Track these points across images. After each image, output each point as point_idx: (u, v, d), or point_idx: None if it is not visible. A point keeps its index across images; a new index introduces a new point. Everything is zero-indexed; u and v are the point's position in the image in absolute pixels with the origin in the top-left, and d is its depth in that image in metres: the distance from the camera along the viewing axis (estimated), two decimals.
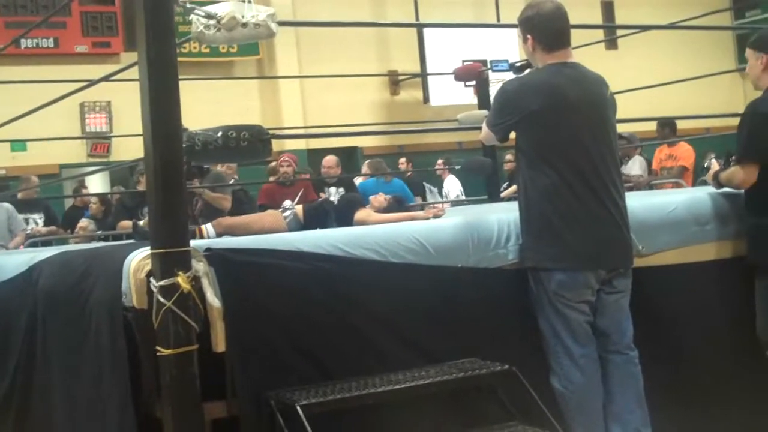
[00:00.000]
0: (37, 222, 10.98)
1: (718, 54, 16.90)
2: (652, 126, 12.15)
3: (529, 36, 4.30)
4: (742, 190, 4.85)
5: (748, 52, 4.94)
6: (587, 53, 7.39)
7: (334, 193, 10.23)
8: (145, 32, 3.41)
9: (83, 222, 10.70)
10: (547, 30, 4.27)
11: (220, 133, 3.89)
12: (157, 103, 3.41)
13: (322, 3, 14.77)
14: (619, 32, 14.48)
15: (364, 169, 12.07)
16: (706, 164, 6.01)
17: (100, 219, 11.18)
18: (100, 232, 10.32)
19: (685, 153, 10.28)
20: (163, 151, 3.40)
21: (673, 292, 4.67)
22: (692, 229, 4.84)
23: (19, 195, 10.99)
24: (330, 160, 10.77)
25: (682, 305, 4.68)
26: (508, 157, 9.96)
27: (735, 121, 4.91)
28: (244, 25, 4.03)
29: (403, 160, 13.62)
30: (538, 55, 4.30)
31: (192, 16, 4.04)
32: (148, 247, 3.49)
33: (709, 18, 11.58)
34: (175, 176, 3.43)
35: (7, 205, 10.22)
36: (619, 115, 4.53)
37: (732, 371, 4.76)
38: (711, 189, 5.08)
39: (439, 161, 12.98)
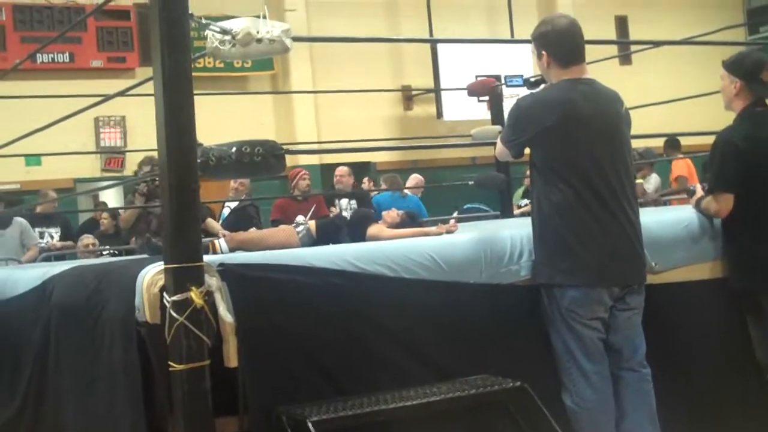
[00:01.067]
0: (52, 236, 11.01)
1: None
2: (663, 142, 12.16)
3: (543, 52, 4.29)
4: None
5: (723, 73, 4.92)
6: (601, 69, 7.38)
7: (345, 206, 10.24)
8: (161, 47, 3.43)
9: (88, 239, 10.69)
10: (561, 46, 4.27)
11: (234, 149, 3.91)
12: (172, 118, 3.42)
13: (336, 18, 14.80)
14: (633, 48, 14.47)
15: (382, 184, 12.09)
16: (691, 187, 5.98)
17: (111, 234, 11.19)
18: (107, 248, 10.32)
19: (677, 165, 10.28)
20: (177, 166, 3.42)
21: (686, 309, 4.65)
22: (704, 246, 4.83)
23: (38, 209, 11.02)
24: (342, 170, 10.80)
25: (695, 322, 4.66)
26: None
27: None
28: (259, 40, 4.04)
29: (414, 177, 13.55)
30: (553, 71, 4.30)
31: (207, 32, 4.05)
32: (161, 262, 3.50)
33: (723, 33, 11.57)
34: (189, 191, 3.44)
35: (20, 219, 10.25)
36: (635, 130, 4.53)
37: (745, 390, 4.74)
38: None
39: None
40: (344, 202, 10.39)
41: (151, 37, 3.53)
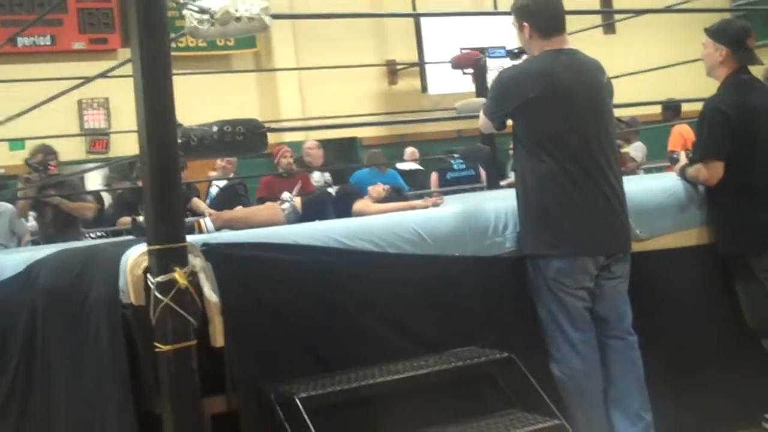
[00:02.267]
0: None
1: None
2: (651, 110, 12.13)
3: (525, 23, 4.30)
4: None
5: (706, 40, 4.92)
6: (585, 38, 7.37)
7: (318, 178, 10.23)
8: (138, 28, 3.41)
9: None
10: (543, 17, 4.28)
11: (215, 128, 3.89)
12: (151, 100, 3.40)
13: None
14: (617, 16, 14.43)
15: (366, 160, 12.14)
16: (674, 155, 5.97)
17: (96, 217, 11.13)
18: (92, 230, 10.27)
19: (673, 138, 10.26)
20: (158, 148, 3.40)
21: (672, 276, 4.68)
22: (690, 213, 4.85)
23: (20, 194, 10.95)
24: (311, 143, 10.77)
25: (680, 289, 4.68)
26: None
27: None
28: (238, 19, 4.02)
29: (409, 150, 13.53)
30: (535, 43, 4.30)
31: (185, 12, 4.03)
32: (145, 244, 3.49)
33: (705, 0, 11.55)
34: (171, 172, 3.43)
35: (8, 206, 10.18)
36: (619, 99, 4.53)
37: (729, 353, 4.76)
38: None
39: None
40: (317, 174, 10.37)
41: (128, 18, 3.51)
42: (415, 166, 11.83)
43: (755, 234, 4.71)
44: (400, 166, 12.09)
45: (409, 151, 13.36)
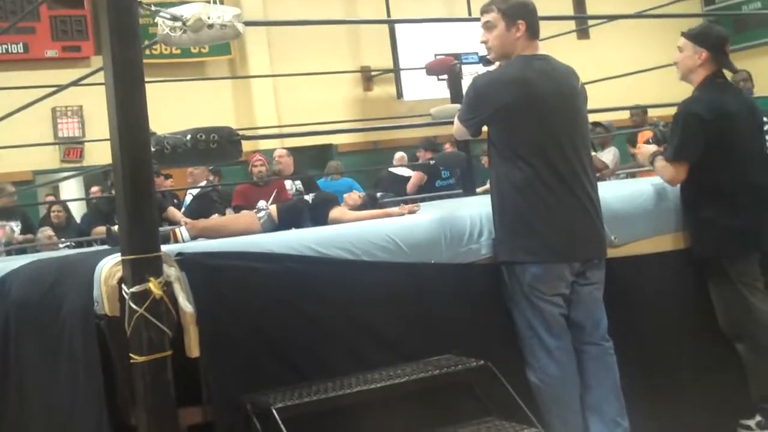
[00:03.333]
0: (14, 230, 10.89)
1: None
2: (623, 115, 12.19)
3: (522, 21, 4.27)
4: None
5: (684, 43, 4.93)
6: (559, 44, 7.39)
7: (289, 186, 10.20)
8: (110, 36, 3.40)
9: (47, 230, 10.59)
10: (535, 18, 4.31)
11: (189, 136, 3.88)
12: (123, 108, 3.39)
13: (292, 1, 14.72)
14: (591, 22, 14.49)
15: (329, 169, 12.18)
16: (645, 141, 5.89)
17: (64, 227, 11.09)
18: (63, 240, 10.23)
19: (642, 140, 10.31)
20: (131, 156, 3.38)
21: (647, 282, 4.68)
22: (664, 218, 4.86)
23: None
24: (281, 152, 10.75)
25: (655, 295, 4.69)
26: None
27: None
28: (210, 26, 4.00)
29: (399, 155, 13.43)
30: (521, 44, 4.29)
31: (157, 19, 4.00)
32: (119, 254, 3.46)
33: (680, 5, 11.62)
34: (144, 181, 3.41)
35: None
36: (594, 105, 4.53)
37: (705, 358, 4.78)
38: None
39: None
40: (287, 183, 10.35)
41: (100, 25, 3.49)
42: (409, 171, 11.82)
43: (729, 237, 4.73)
44: (396, 171, 12.06)
45: (398, 156, 13.31)
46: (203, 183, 10.44)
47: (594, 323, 4.27)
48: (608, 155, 10.64)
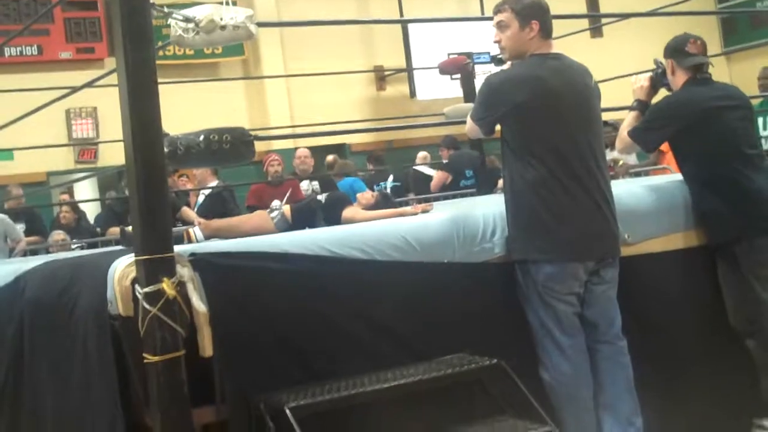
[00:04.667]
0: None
1: (703, 38, 16.82)
2: None
3: (535, 21, 4.26)
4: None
5: (665, 62, 5.10)
6: (573, 42, 7.39)
7: (306, 187, 10.22)
8: (123, 38, 3.40)
9: (58, 234, 10.61)
10: (548, 17, 4.31)
11: (202, 137, 3.89)
12: (136, 109, 3.39)
13: (305, 1, 14.74)
14: (604, 20, 14.46)
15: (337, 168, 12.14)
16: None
17: (74, 227, 11.12)
18: (74, 240, 10.26)
19: None
20: (144, 157, 3.39)
21: (659, 280, 4.68)
22: (675, 216, 4.85)
23: (6, 205, 10.95)
24: (304, 151, 10.75)
25: (668, 293, 4.68)
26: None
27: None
28: (223, 27, 4.01)
29: (422, 154, 13.34)
30: (534, 44, 4.28)
31: (170, 20, 4.02)
32: (133, 254, 3.48)
33: (692, 2, 11.57)
34: (157, 182, 3.42)
35: (2, 215, 10.17)
36: (608, 103, 4.54)
37: (719, 357, 4.77)
38: None
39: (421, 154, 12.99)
40: (305, 183, 10.36)
41: (113, 27, 3.50)
42: (433, 171, 11.80)
43: (738, 221, 4.76)
44: (421, 169, 12.03)
45: (422, 155, 13.24)
46: (214, 183, 10.46)
47: (608, 322, 4.27)
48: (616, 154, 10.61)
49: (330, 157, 12.85)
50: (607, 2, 17.27)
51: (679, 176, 5.06)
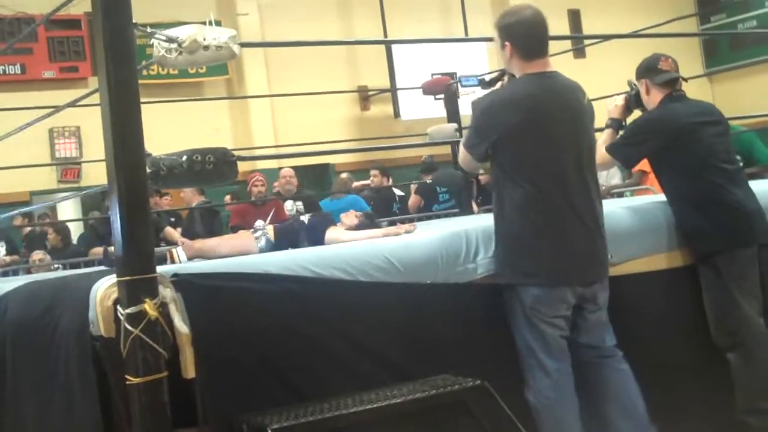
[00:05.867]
0: None
1: (685, 59, 16.96)
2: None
3: (507, 43, 4.22)
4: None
5: (640, 83, 5.14)
6: (556, 63, 7.38)
7: (290, 207, 10.19)
8: (105, 57, 3.39)
9: (38, 254, 10.56)
10: (526, 38, 4.21)
11: (185, 157, 3.87)
12: (119, 129, 3.38)
13: (290, 21, 14.77)
14: (587, 41, 14.53)
15: (335, 186, 12.07)
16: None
17: (60, 249, 11.06)
18: (55, 263, 10.20)
19: None
20: (126, 178, 3.38)
21: (642, 300, 4.68)
22: (660, 236, 4.86)
23: None
24: (289, 171, 10.70)
25: (649, 314, 4.69)
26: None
27: None
28: (206, 47, 4.01)
29: (375, 172, 13.30)
30: (515, 64, 4.24)
31: (153, 41, 4.01)
32: (115, 275, 3.46)
33: (675, 24, 11.64)
34: (139, 202, 3.40)
35: None
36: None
37: (704, 376, 4.77)
38: None
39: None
40: (288, 203, 10.33)
41: (96, 47, 3.49)
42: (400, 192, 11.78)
43: (720, 232, 4.77)
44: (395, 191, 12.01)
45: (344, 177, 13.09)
46: (195, 203, 10.45)
47: (602, 340, 4.26)
48: (617, 174, 10.65)
49: (344, 175, 12.72)
50: (590, 23, 17.38)
51: (662, 197, 5.07)
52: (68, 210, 14.30)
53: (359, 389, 3.79)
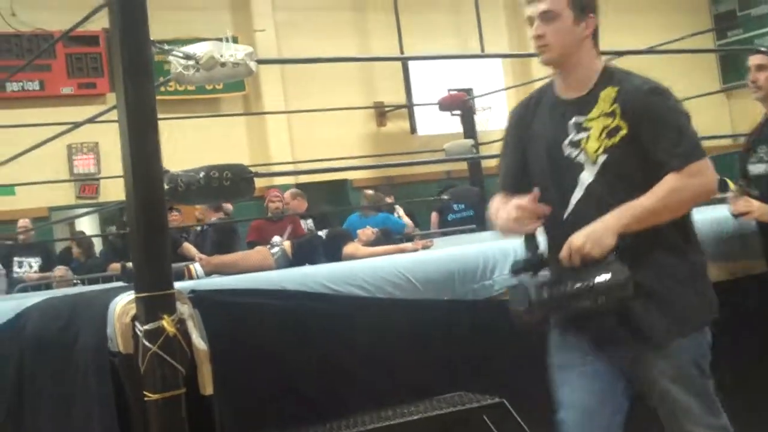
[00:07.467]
0: (31, 265, 10.93)
1: (702, 75, 17.00)
2: None
3: (592, 15, 3.25)
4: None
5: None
6: None
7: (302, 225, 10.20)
8: (123, 74, 3.42)
9: (60, 270, 10.62)
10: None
11: (202, 174, 3.90)
12: (136, 146, 3.40)
13: (306, 37, 14.79)
14: (603, 57, 14.50)
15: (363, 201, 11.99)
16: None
17: (83, 262, 11.13)
18: (77, 277, 10.27)
19: None
20: (144, 194, 3.40)
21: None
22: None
23: (20, 238, 11.00)
24: (287, 195, 10.62)
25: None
26: None
27: (722, 142, 4.90)
28: (223, 64, 4.04)
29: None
30: (587, 46, 3.28)
31: (171, 57, 4.04)
32: (133, 291, 3.47)
33: (691, 39, 11.62)
34: (157, 219, 3.42)
35: None
36: None
37: None
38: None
39: None
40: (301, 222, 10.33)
41: (113, 63, 3.51)
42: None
43: None
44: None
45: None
46: (213, 219, 10.48)
47: None
48: None
49: (369, 192, 12.55)
50: (606, 39, 17.34)
51: None
52: (86, 226, 14.35)
53: (377, 406, 3.79)
